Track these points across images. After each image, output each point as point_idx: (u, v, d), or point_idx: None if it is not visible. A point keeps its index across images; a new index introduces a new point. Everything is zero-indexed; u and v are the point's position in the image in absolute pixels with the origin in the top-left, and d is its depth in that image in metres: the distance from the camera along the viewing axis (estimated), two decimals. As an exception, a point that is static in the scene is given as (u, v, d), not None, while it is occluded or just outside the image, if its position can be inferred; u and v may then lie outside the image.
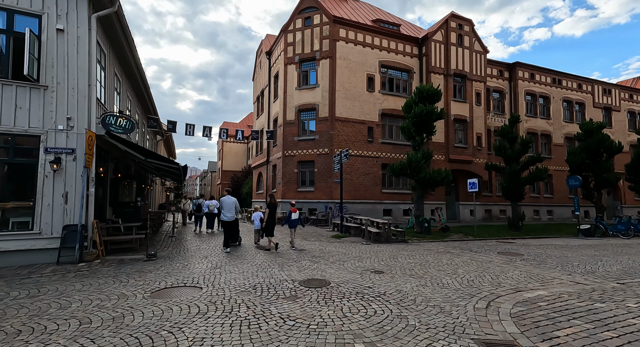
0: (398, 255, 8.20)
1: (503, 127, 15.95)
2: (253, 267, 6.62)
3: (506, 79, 23.87)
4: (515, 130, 16.35)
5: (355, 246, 9.93)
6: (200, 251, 8.63)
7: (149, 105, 15.79)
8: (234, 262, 7.19)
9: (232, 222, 9.20)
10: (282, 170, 19.31)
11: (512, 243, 11.04)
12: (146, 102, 15.46)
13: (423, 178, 12.60)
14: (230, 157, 46.19)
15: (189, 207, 15.26)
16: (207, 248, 9.16)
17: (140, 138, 15.77)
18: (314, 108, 18.86)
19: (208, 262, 7.20)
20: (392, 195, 19.32)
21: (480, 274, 6.09)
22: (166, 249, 9.05)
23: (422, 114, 12.65)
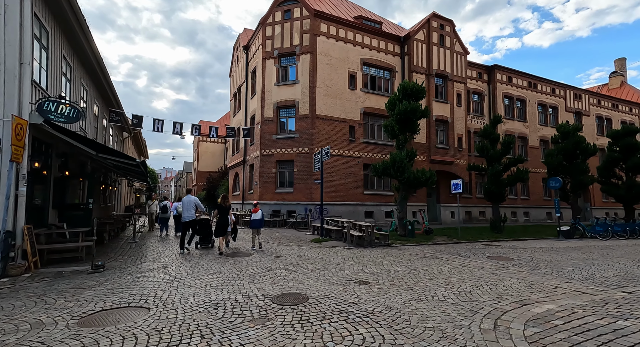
0: (383, 261, 7.48)
1: (485, 128, 15.78)
2: (219, 279, 5.66)
3: (485, 81, 24.08)
4: (496, 132, 16.24)
5: (336, 251, 9.14)
6: (160, 260, 7.53)
7: (110, 97, 14.32)
8: (197, 272, 6.19)
9: (190, 222, 9.08)
10: (260, 170, 18.28)
11: (498, 246, 10.66)
12: (107, 94, 13.99)
13: (407, 178, 12.05)
14: (207, 157, 44.31)
15: (155, 209, 13.83)
16: (169, 256, 8.05)
17: (100, 134, 14.27)
18: (294, 105, 18.00)
19: (166, 273, 6.15)
20: (374, 196, 18.76)
21: (476, 283, 5.46)
22: (121, 257, 7.86)
23: (406, 112, 12.12)
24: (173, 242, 10.77)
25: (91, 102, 12.40)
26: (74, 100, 9.96)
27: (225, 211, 9.13)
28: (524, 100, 25.34)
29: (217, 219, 9.01)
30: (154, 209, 13.73)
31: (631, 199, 18.58)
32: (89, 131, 12.06)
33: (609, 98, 30.50)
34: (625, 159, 19.24)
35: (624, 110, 31.05)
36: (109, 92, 13.87)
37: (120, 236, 12.42)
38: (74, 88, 10.08)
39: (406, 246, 10.48)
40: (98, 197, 14.58)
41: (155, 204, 13.65)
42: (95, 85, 12.99)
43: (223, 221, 8.99)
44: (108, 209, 16.64)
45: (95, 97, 13.17)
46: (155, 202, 13.79)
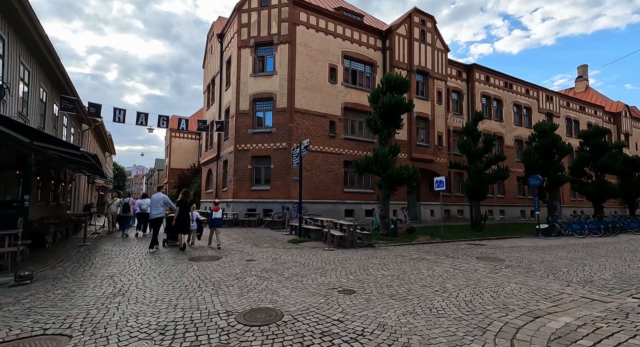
0: (368, 264, 6.76)
1: (467, 125, 15.57)
2: (175, 291, 4.68)
3: (464, 80, 24.16)
4: (478, 129, 16.07)
5: (316, 252, 8.34)
6: (109, 267, 6.39)
7: (62, 82, 12.67)
8: (150, 282, 5.17)
9: (159, 220, 8.86)
10: (234, 166, 17.13)
11: (483, 246, 10.29)
12: (58, 78, 12.35)
13: (390, 175, 11.45)
14: (180, 154, 42.09)
15: (115, 208, 12.28)
16: (121, 262, 6.90)
17: (50, 123, 12.61)
18: (271, 98, 16.99)
19: (111, 284, 5.08)
20: (355, 194, 18.14)
21: (475, 289, 4.84)
22: (61, 265, 6.63)
23: (390, 105, 11.51)
24: (132, 244, 9.51)
25: (36, 85, 10.81)
26: (9, 80, 8.47)
27: (187, 207, 8.84)
28: (501, 100, 25.72)
29: (178, 216, 8.63)
30: (114, 209, 12.16)
31: (600, 197, 19.16)
32: (33, 118, 10.49)
33: (577, 101, 31.79)
34: (595, 159, 19.84)
35: (590, 112, 32.48)
36: (60, 76, 12.24)
37: (72, 239, 10.95)
38: (9, 65, 8.58)
39: (390, 247, 9.86)
40: (46, 194, 12.90)
41: (115, 203, 12.10)
42: (43, 68, 11.37)
43: (184, 218, 8.67)
44: (61, 207, 14.88)
45: (43, 81, 11.54)
46: (115, 201, 12.24)
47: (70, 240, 10.51)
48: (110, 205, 12.62)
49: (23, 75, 9.74)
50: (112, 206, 12.41)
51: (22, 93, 9.75)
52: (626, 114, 35.06)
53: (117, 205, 11.87)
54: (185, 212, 8.74)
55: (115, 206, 12.06)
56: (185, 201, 8.95)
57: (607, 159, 19.31)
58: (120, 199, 12.54)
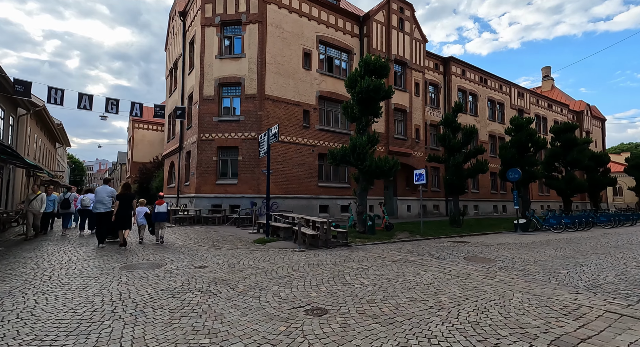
0: (344, 270, 5.66)
1: (446, 116, 14.93)
2: (74, 319, 3.31)
3: (441, 72, 23.76)
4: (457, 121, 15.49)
5: (284, 255, 7.14)
6: (5, 281, 4.81)
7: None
8: (49, 303, 3.74)
9: (106, 214, 8.31)
10: (198, 158, 15.46)
11: (467, 243, 9.57)
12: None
13: (369, 167, 10.45)
14: (143, 146, 39.12)
15: (39, 204, 9.54)
16: (26, 273, 5.31)
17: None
18: (239, 83, 15.45)
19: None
20: (329, 189, 17.08)
21: (477, 304, 3.86)
22: (-63, 280, 4.94)
23: (368, 90, 10.47)
24: (60, 247, 7.79)
25: None
26: None
27: (127, 201, 8.43)
28: (476, 94, 25.66)
29: (118, 211, 8.17)
30: (36, 206, 9.46)
31: (570, 191, 19.46)
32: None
33: (546, 98, 32.69)
34: (565, 154, 20.11)
35: (556, 110, 33.56)
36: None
37: None
38: None
39: (368, 246, 8.86)
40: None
41: (40, 198, 9.82)
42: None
43: (125, 212, 8.26)
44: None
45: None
46: (40, 196, 9.59)
47: None
48: (31, 201, 9.49)
49: None
50: (35, 202, 9.46)
51: None
52: (587, 112, 36.68)
53: (42, 201, 9.60)
54: (126, 207, 8.34)
55: (40, 202, 9.54)
56: (126, 195, 8.54)
57: (577, 154, 19.62)
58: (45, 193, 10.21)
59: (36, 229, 9.78)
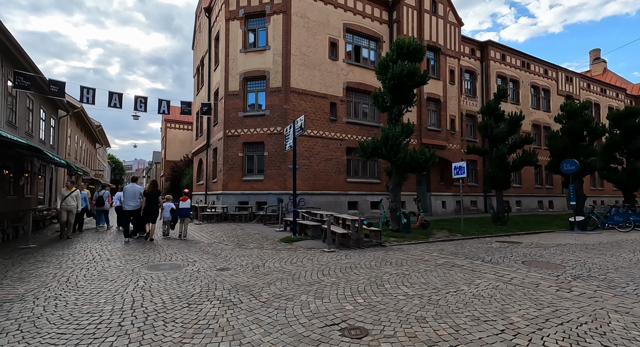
0: (382, 275, 4.93)
1: (488, 103, 13.52)
2: (75, 334, 2.89)
3: (478, 58, 21.96)
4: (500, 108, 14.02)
5: (312, 256, 6.53)
6: (24, 282, 4.60)
7: (14, 53, 10.78)
8: (56, 311, 3.39)
9: (135, 211, 8.90)
10: (224, 154, 15.29)
11: (519, 243, 8.43)
12: (6, 47, 10.46)
13: (403, 160, 9.56)
14: (175, 145, 40.39)
15: (74, 201, 9.18)
16: (47, 273, 5.12)
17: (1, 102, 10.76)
18: (264, 76, 15.02)
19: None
20: (358, 185, 16.30)
21: (563, 329, 3.00)
22: (-38, 278, 4.85)
23: (401, 75, 9.53)
24: (90, 245, 7.74)
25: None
26: None
27: (153, 197, 8.93)
28: (517, 81, 23.53)
29: (145, 207, 8.78)
30: (71, 203, 9.07)
31: (633, 185, 17.17)
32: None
33: (599, 82, 29.46)
34: (626, 142, 17.77)
35: (611, 95, 30.17)
36: (9, 45, 10.34)
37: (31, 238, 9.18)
38: None
39: (404, 246, 8.03)
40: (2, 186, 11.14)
41: (74, 195, 9.32)
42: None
43: (151, 207, 8.81)
44: (24, 202, 13.13)
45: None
46: (73, 193, 9.29)
47: (20, 240, 8.73)
48: (66, 198, 9.05)
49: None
50: (70, 199, 9.07)
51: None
52: (649, 97, 32.67)
53: (77, 198, 9.39)
54: (152, 203, 8.85)
55: (75, 198, 9.25)
56: (152, 192, 9.00)
57: (641, 142, 17.21)
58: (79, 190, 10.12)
59: (70, 227, 9.52)
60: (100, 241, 8.69)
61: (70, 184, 9.58)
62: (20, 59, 11.22)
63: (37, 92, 12.43)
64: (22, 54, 11.02)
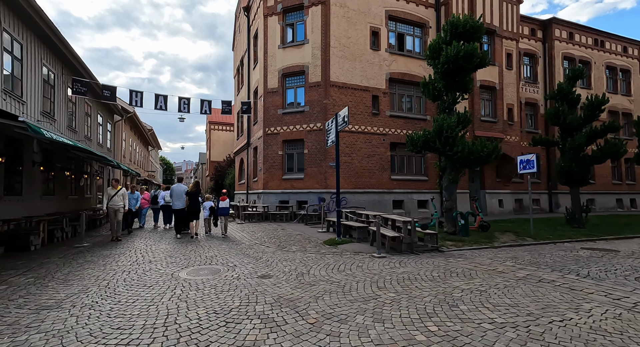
0: (452, 291, 4.06)
1: (560, 86, 11.64)
2: None
3: (539, 39, 19.47)
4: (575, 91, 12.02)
5: (361, 262, 5.80)
6: (67, 285, 4.49)
7: (72, 61, 11.44)
8: (91, 322, 3.08)
9: (182, 210, 9.47)
10: (264, 153, 15.10)
11: (614, 252, 6.92)
12: (65, 57, 11.11)
13: (460, 153, 8.42)
14: (219, 146, 41.96)
15: (120, 202, 8.66)
16: (91, 276, 5.02)
17: (62, 107, 11.49)
18: (303, 71, 14.54)
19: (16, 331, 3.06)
20: (404, 182, 15.19)
21: None
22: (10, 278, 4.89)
23: (457, 58, 8.39)
24: (138, 244, 7.79)
25: (34, 61, 9.50)
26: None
27: (194, 197, 9.39)
28: (589, 62, 20.51)
29: (188, 206, 9.24)
30: (118, 202, 8.62)
31: None
32: (31, 99, 9.21)
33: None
34: None
35: None
36: (68, 55, 10.98)
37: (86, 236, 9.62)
38: None
39: (465, 251, 6.97)
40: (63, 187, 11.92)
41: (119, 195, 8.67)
42: (45, 43, 10.08)
43: (193, 206, 9.25)
44: (84, 202, 14.06)
45: (46, 58, 10.28)
46: (120, 192, 8.71)
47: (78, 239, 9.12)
48: (112, 197, 8.59)
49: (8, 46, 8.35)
50: (117, 198, 8.61)
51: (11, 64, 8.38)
52: None
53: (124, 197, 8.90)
54: (193, 201, 9.30)
55: (122, 198, 8.76)
56: (195, 192, 9.52)
57: None
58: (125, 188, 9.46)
59: (120, 226, 9.08)
60: (147, 240, 8.78)
61: (115, 182, 9.03)
62: (78, 66, 11.91)
63: (93, 97, 13.18)
64: (79, 61, 11.68)
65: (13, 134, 8.32)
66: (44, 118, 9.99)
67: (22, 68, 8.84)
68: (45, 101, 10.21)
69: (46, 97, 10.31)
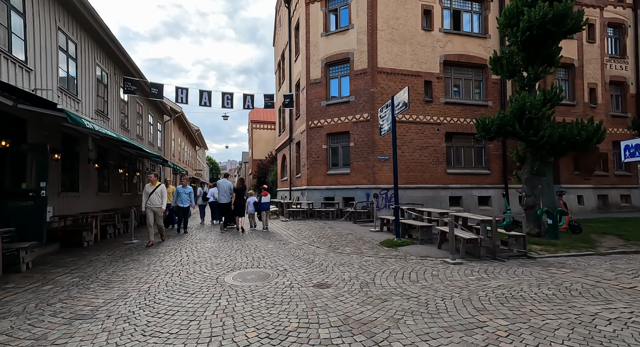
0: (595, 323, 2.89)
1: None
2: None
3: (629, 5, 16.35)
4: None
5: (434, 270, 4.76)
6: (109, 288, 4.09)
7: (123, 61, 11.69)
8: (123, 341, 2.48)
9: (228, 204, 9.73)
10: (307, 147, 14.44)
11: None
12: (117, 56, 11.36)
13: (547, 138, 6.90)
14: (261, 145, 42.62)
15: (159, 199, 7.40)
16: (134, 277, 4.61)
17: (115, 106, 11.81)
18: (347, 59, 13.58)
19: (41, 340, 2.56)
20: (462, 177, 13.60)
21: None
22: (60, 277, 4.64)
23: (544, 21, 6.85)
24: (183, 244, 7.49)
25: (88, 61, 9.71)
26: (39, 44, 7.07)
27: (241, 193, 9.55)
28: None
29: (235, 201, 9.43)
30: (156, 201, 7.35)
31: None
32: (85, 98, 9.41)
33: None
34: None
35: None
36: (119, 54, 11.20)
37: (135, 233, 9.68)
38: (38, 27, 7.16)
39: (565, 259, 5.55)
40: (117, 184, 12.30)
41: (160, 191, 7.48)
42: (98, 43, 10.32)
43: (240, 202, 9.47)
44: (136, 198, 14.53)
45: (99, 58, 10.53)
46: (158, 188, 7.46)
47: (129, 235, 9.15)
48: (150, 195, 7.29)
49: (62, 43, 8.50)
50: (155, 195, 7.31)
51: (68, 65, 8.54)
52: None
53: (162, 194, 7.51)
54: (240, 197, 9.49)
55: (159, 195, 7.39)
56: (241, 188, 9.72)
57: None
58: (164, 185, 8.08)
59: (161, 230, 7.74)
60: (193, 237, 8.50)
61: (154, 177, 7.79)
62: (128, 66, 12.17)
63: (142, 95, 13.49)
64: (129, 61, 11.90)
65: (69, 132, 8.51)
66: (98, 116, 10.22)
67: (76, 67, 9.03)
68: (98, 100, 10.47)
69: (100, 96, 10.57)
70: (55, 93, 7.65)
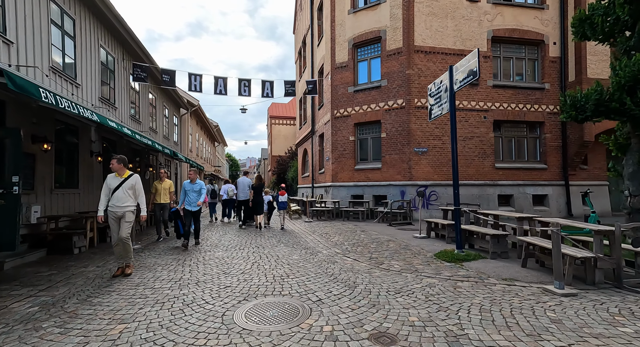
0: None
1: None
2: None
3: None
4: None
5: (542, 305, 3.15)
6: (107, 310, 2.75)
7: (131, 44, 10.61)
8: None
9: (246, 201, 9.67)
10: (332, 139, 12.94)
11: None
12: (125, 40, 10.28)
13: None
14: (280, 141, 41.62)
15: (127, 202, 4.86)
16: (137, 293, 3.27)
17: (123, 96, 10.77)
18: (379, 38, 11.92)
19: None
20: (512, 172, 11.70)
21: None
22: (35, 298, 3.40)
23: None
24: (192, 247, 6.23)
25: (90, 41, 8.62)
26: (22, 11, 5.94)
27: (259, 190, 9.43)
28: None
29: (253, 198, 9.34)
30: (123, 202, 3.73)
31: None
32: (86, 82, 8.33)
33: None
34: None
35: None
36: (126, 36, 10.10)
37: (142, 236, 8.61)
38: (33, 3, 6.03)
39: None
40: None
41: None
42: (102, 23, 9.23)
43: (258, 199, 9.34)
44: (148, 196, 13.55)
45: (104, 40, 9.45)
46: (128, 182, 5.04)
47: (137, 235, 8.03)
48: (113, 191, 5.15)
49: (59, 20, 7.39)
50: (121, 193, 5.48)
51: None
52: None
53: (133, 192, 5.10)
54: (258, 195, 9.39)
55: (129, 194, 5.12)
56: (259, 185, 9.61)
57: None
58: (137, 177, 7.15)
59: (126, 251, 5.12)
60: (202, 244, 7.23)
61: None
62: (137, 50, 11.08)
63: (153, 83, 12.44)
64: (137, 44, 10.81)
65: (67, 120, 7.44)
66: (102, 104, 9.16)
67: (74, 46, 7.94)
68: (104, 87, 9.41)
69: (105, 83, 9.51)
70: (44, 72, 6.54)
